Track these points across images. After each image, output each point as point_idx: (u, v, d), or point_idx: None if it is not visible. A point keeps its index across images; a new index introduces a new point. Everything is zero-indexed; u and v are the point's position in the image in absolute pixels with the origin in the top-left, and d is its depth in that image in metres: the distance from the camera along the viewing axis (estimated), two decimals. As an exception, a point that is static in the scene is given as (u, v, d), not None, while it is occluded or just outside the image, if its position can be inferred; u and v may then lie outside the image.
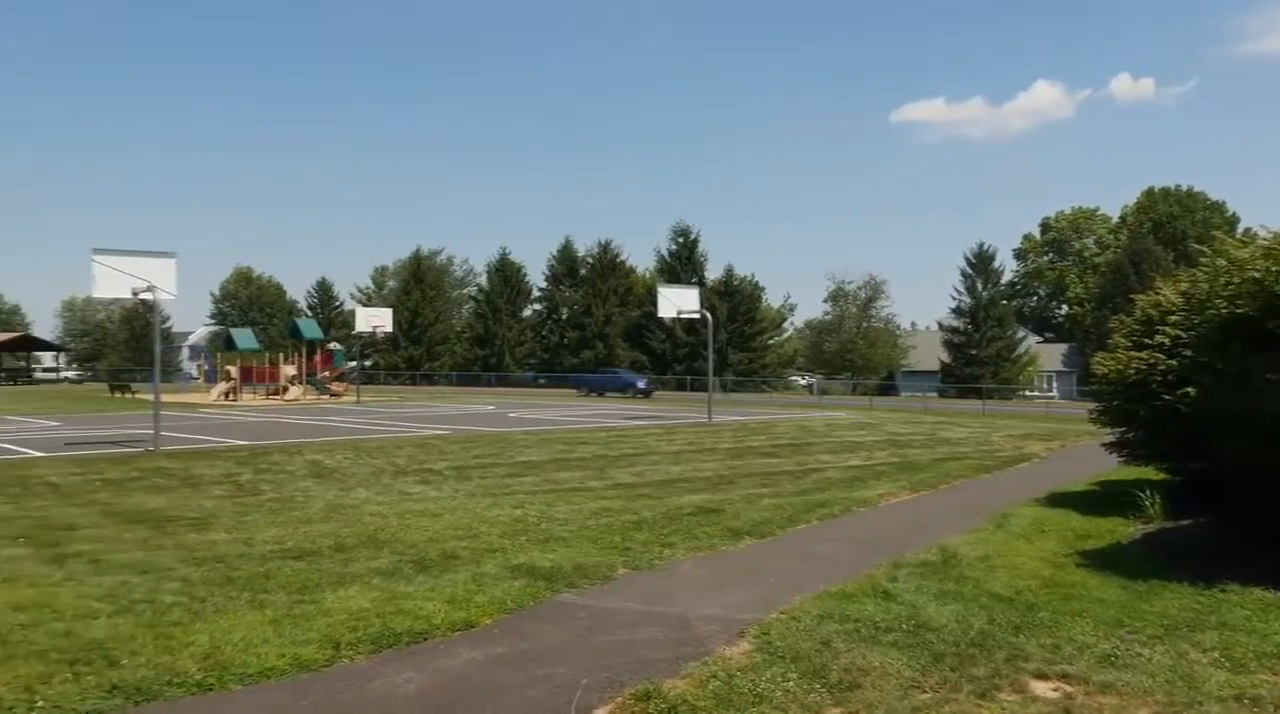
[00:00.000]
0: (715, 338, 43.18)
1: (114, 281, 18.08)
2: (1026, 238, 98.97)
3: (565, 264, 77.36)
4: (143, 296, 18.31)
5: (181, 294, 18.62)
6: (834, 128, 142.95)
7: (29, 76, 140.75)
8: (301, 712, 4.70)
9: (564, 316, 76.88)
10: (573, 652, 5.60)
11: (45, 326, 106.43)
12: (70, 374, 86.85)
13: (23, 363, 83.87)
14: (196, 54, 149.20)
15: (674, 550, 8.56)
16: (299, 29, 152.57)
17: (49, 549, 8.38)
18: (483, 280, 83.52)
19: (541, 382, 70.87)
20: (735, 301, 70.38)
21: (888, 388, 68.34)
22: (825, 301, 79.44)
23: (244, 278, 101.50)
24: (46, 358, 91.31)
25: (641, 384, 53.00)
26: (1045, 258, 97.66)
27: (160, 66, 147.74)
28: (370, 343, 67.37)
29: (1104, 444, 12.71)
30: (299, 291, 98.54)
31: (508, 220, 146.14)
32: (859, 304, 77.33)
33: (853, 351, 74.23)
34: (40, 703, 4.67)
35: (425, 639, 5.80)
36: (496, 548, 8.50)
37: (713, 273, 73.34)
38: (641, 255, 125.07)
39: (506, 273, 78.77)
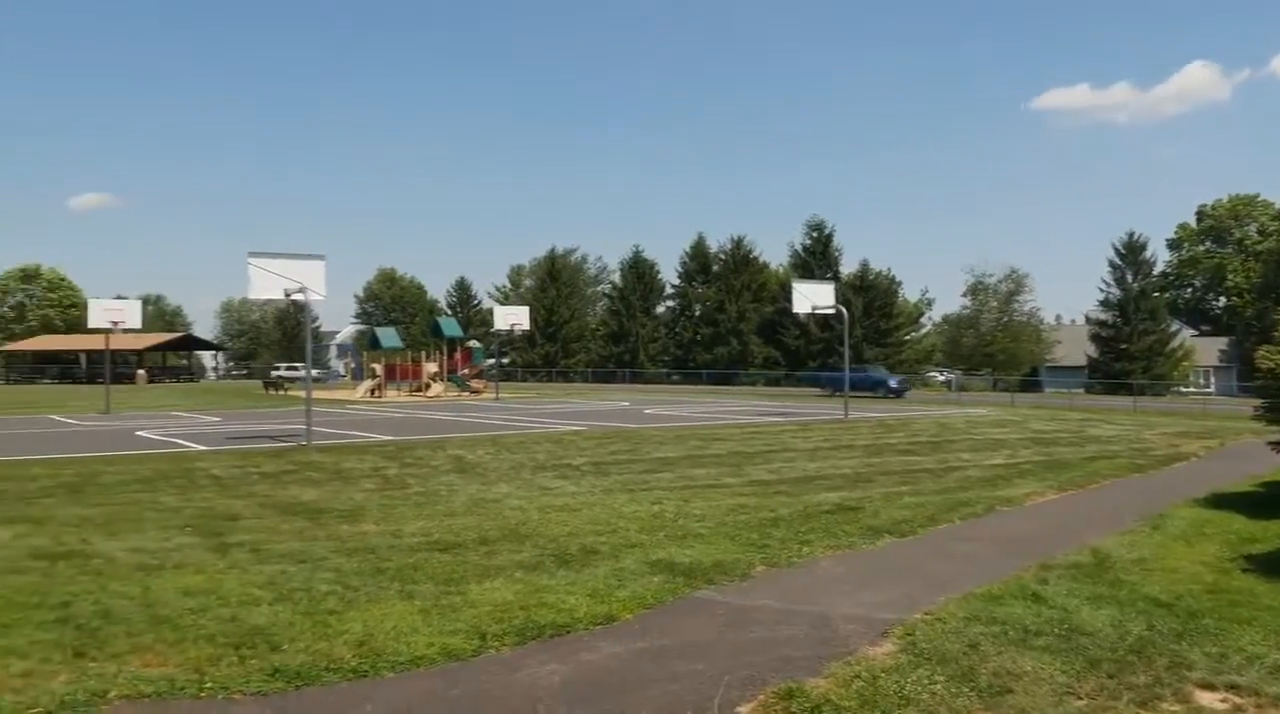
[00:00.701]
0: (850, 333, 42.35)
1: (268, 283, 18.91)
2: (1181, 227, 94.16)
3: (698, 260, 77.31)
4: (294, 297, 19.11)
5: (329, 294, 19.40)
6: (973, 117, 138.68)
7: (174, 84, 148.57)
8: (451, 700, 4.82)
9: (697, 313, 76.86)
10: (713, 648, 5.59)
11: (205, 327, 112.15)
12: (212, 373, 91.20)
13: (185, 361, 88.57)
14: (345, 60, 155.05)
15: (812, 548, 8.47)
16: (443, 35, 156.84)
17: (213, 538, 8.84)
18: (616, 278, 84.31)
19: (675, 378, 71.02)
20: (871, 296, 69.00)
21: (1031, 384, 65.94)
22: (964, 296, 77.21)
23: (387, 278, 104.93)
24: (206, 357, 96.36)
25: (894, 383, 47.91)
26: (1201, 247, 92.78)
27: (310, 72, 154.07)
28: (508, 340, 68.85)
29: (1270, 442, 12.01)
30: (439, 291, 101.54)
31: (641, 218, 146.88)
32: (1000, 298, 74.90)
33: (993, 346, 71.96)
34: (209, 684, 4.92)
35: (568, 632, 5.89)
36: (635, 543, 8.56)
37: (847, 267, 72.12)
38: (774, 251, 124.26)
39: (640, 270, 79.23)
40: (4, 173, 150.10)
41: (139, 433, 21.92)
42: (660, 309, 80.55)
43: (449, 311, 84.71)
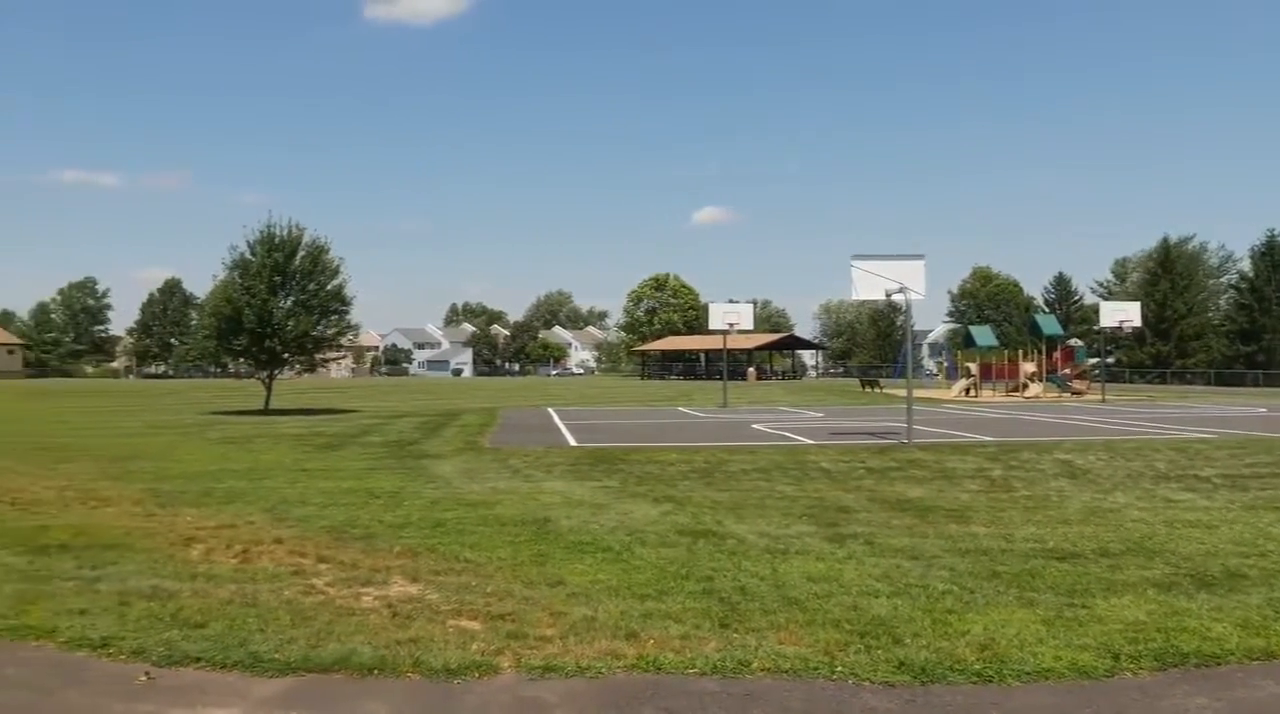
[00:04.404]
0: None
1: (870, 284, 19.48)
2: None
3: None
4: (894, 298, 19.48)
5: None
6: None
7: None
8: (1086, 719, 4.56)
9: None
10: None
11: (805, 328, 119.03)
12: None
13: (788, 360, 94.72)
14: (916, 60, 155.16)
15: None
16: (1017, 31, 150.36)
17: (828, 528, 9.29)
18: (1245, 267, 74.16)
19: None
20: None
21: None
22: None
23: (982, 277, 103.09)
24: (806, 355, 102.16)
25: None
26: None
27: (869, 75, 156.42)
28: (1113, 339, 63.87)
29: None
30: (1035, 288, 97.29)
31: (1270, 202, 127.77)
32: None
33: None
34: (839, 668, 5.16)
35: (1217, 663, 5.26)
36: (1291, 570, 7.43)
37: None
38: None
39: (1276, 258, 68.88)
40: (636, 192, 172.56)
41: (753, 426, 23.85)
42: (1305, 302, 69.33)
43: (1046, 309, 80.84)
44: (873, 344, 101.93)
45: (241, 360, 32.54)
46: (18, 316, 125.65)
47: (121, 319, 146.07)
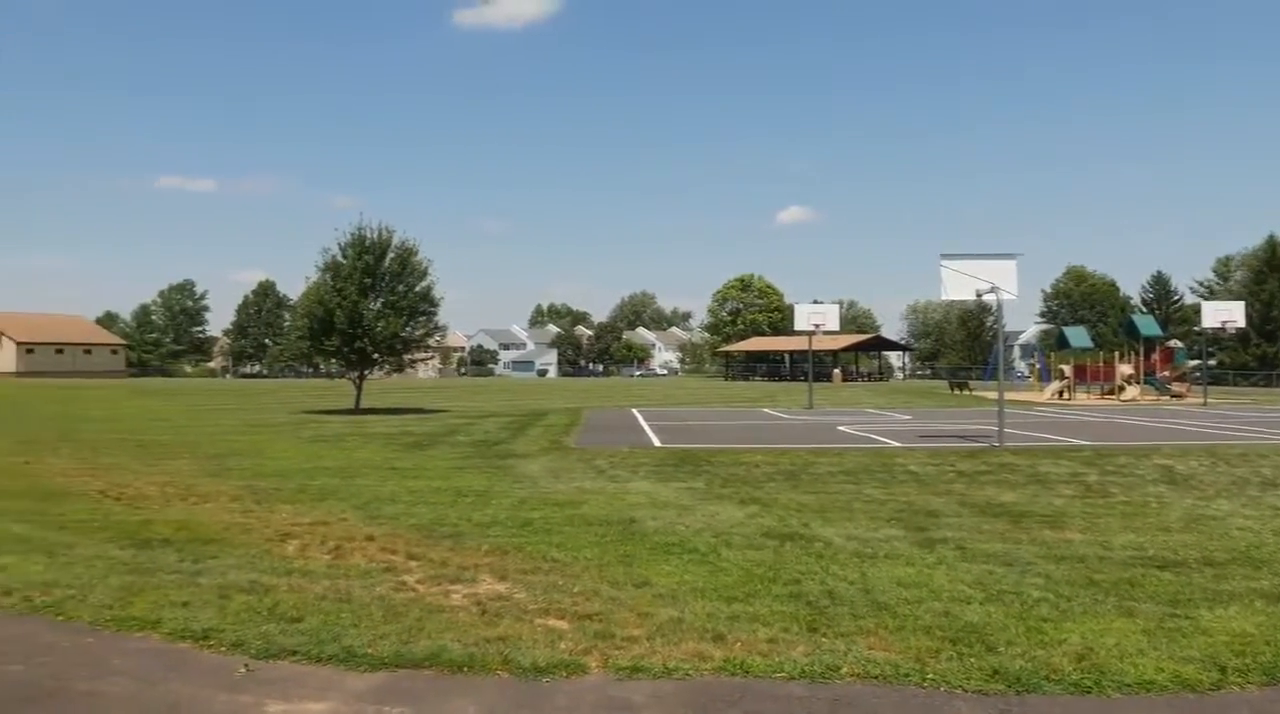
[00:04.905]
0: None
1: (959, 284, 19.10)
2: None
3: None
4: (984, 298, 19.07)
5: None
6: None
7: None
8: (1191, 734, 4.40)
9: None
10: None
11: (891, 329, 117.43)
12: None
13: (874, 361, 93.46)
14: (1006, 55, 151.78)
15: None
16: (1116, 26, 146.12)
17: (917, 532, 9.14)
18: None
19: None
20: None
21: None
22: None
23: (1076, 276, 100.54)
24: (892, 357, 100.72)
25: None
26: None
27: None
28: (1215, 340, 61.72)
29: None
30: (1132, 288, 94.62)
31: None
32: None
33: None
34: (930, 675, 5.07)
35: (1331, 680, 5.04)
36: None
37: None
38: None
39: (1394, 254, 65.92)
40: (720, 193, 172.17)
41: (839, 427, 23.59)
42: None
43: (1143, 309, 78.49)
44: (962, 345, 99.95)
45: (333, 361, 33.24)
46: (121, 318, 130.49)
47: (218, 320, 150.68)
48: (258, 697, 4.88)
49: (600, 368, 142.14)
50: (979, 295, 19.02)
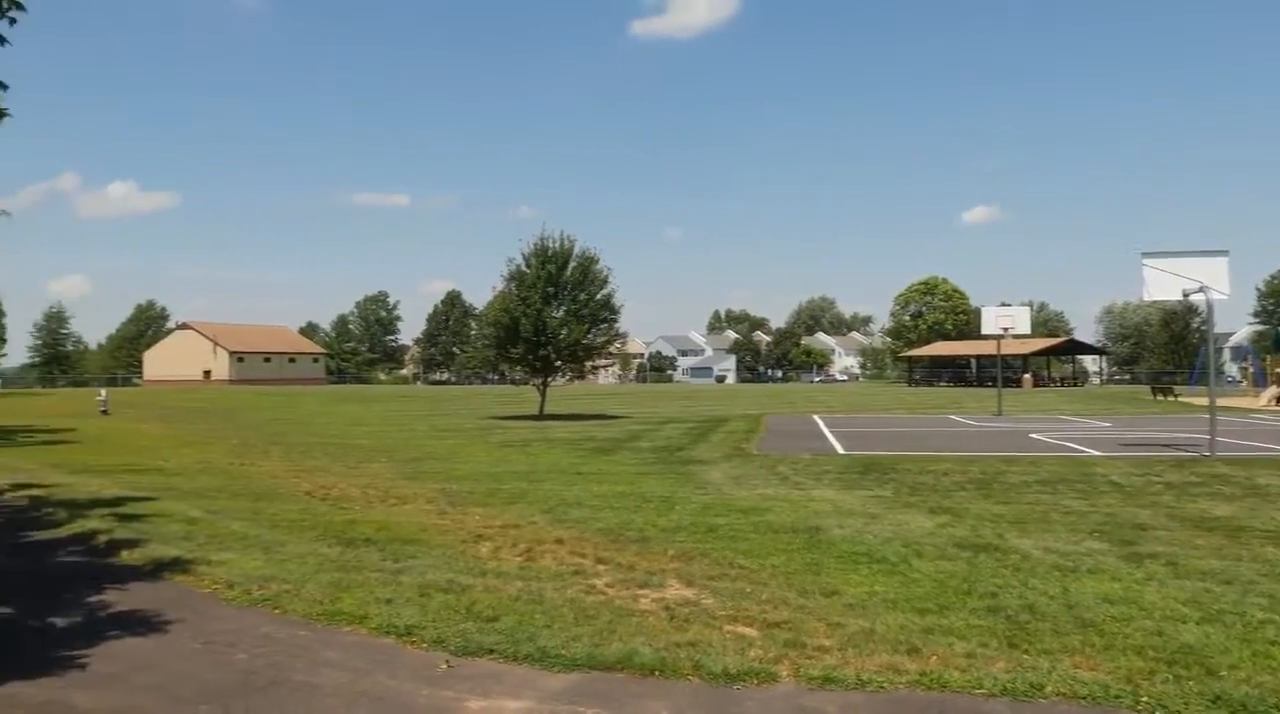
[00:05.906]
0: None
1: (1164, 284, 18.00)
2: None
3: None
4: (1192, 297, 17.91)
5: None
6: None
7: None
8: None
9: None
10: None
11: (1085, 331, 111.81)
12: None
13: (1068, 366, 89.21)
14: (1203, 42, 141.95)
15: None
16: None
17: (1123, 546, 8.65)
18: None
19: None
20: None
21: None
22: None
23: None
24: (1087, 361, 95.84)
25: None
26: None
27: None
28: None
29: None
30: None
31: None
32: None
33: None
34: (1145, 699, 4.79)
35: None
36: None
37: None
38: None
39: None
40: (901, 194, 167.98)
41: (1032, 435, 22.61)
42: None
43: (1375, 307, 71.99)
44: (1164, 348, 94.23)
45: (517, 367, 34.22)
46: (321, 328, 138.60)
47: (409, 329, 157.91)
48: (459, 693, 5.07)
49: (779, 373, 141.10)
50: (1186, 295, 17.87)
